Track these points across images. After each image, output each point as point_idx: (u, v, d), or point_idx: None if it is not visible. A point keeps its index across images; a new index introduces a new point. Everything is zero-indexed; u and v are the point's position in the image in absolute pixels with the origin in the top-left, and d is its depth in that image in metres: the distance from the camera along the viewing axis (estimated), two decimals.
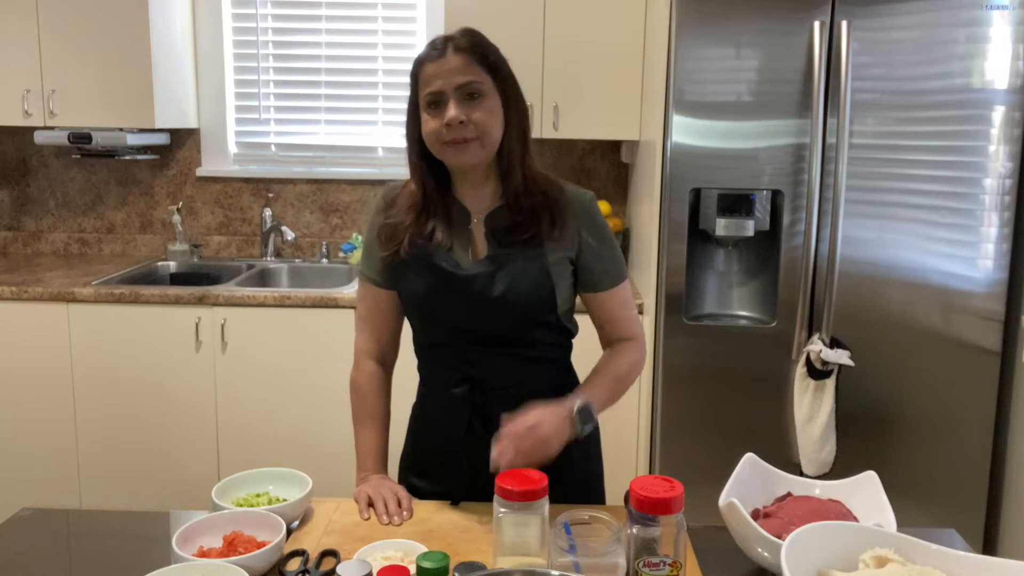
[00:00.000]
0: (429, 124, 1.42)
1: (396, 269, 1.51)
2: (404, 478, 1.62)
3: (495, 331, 1.47)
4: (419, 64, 1.43)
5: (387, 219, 1.52)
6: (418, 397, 1.62)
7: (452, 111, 1.38)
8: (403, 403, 1.66)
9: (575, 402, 1.42)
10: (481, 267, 1.46)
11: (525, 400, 1.44)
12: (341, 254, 3.50)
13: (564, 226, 1.47)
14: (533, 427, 1.35)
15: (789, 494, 1.38)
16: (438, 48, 1.41)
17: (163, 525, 1.43)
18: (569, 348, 1.59)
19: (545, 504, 1.17)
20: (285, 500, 1.41)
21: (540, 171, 1.51)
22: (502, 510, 1.16)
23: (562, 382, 1.57)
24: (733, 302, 2.72)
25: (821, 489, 1.38)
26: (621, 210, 3.48)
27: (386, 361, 1.62)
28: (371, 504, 1.45)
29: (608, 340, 1.57)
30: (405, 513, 1.43)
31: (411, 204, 1.50)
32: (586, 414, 1.42)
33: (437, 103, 1.41)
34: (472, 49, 1.41)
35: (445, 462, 1.53)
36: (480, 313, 1.45)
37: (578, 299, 1.56)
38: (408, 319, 1.57)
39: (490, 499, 1.19)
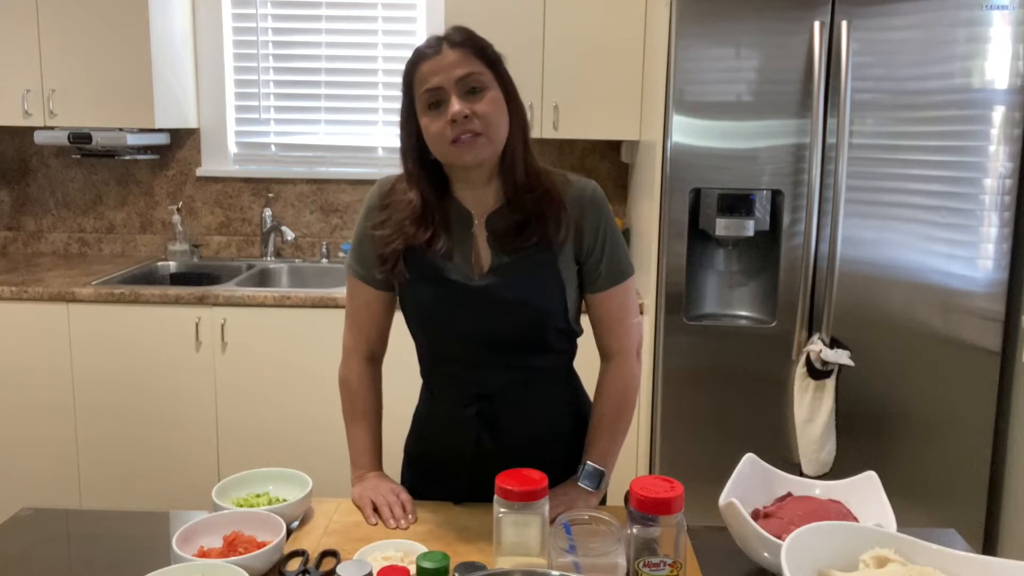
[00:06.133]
0: (432, 127, 1.35)
1: (397, 281, 1.47)
2: (407, 475, 1.61)
3: (507, 338, 1.43)
4: (413, 65, 1.37)
5: (381, 227, 1.45)
6: (422, 402, 1.60)
7: (455, 106, 1.31)
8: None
9: (579, 474, 1.45)
10: (490, 278, 1.41)
11: (533, 410, 1.48)
12: (341, 254, 3.50)
13: (570, 226, 1.42)
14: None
15: (789, 494, 1.38)
16: (432, 46, 1.35)
17: (163, 525, 1.43)
18: (574, 352, 1.56)
19: (545, 504, 1.17)
20: (285, 500, 1.41)
21: (543, 166, 1.46)
22: (502, 510, 1.16)
23: (567, 387, 1.56)
24: (733, 302, 2.72)
25: (821, 489, 1.38)
26: (621, 210, 3.48)
27: (375, 357, 1.60)
28: (376, 509, 1.44)
29: (599, 345, 1.54)
30: (411, 516, 1.42)
31: (409, 215, 1.42)
32: (594, 478, 1.45)
33: (437, 103, 1.34)
34: (468, 43, 1.35)
35: (449, 467, 1.52)
36: (492, 323, 1.42)
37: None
38: (411, 331, 1.52)
39: (490, 499, 1.19)
